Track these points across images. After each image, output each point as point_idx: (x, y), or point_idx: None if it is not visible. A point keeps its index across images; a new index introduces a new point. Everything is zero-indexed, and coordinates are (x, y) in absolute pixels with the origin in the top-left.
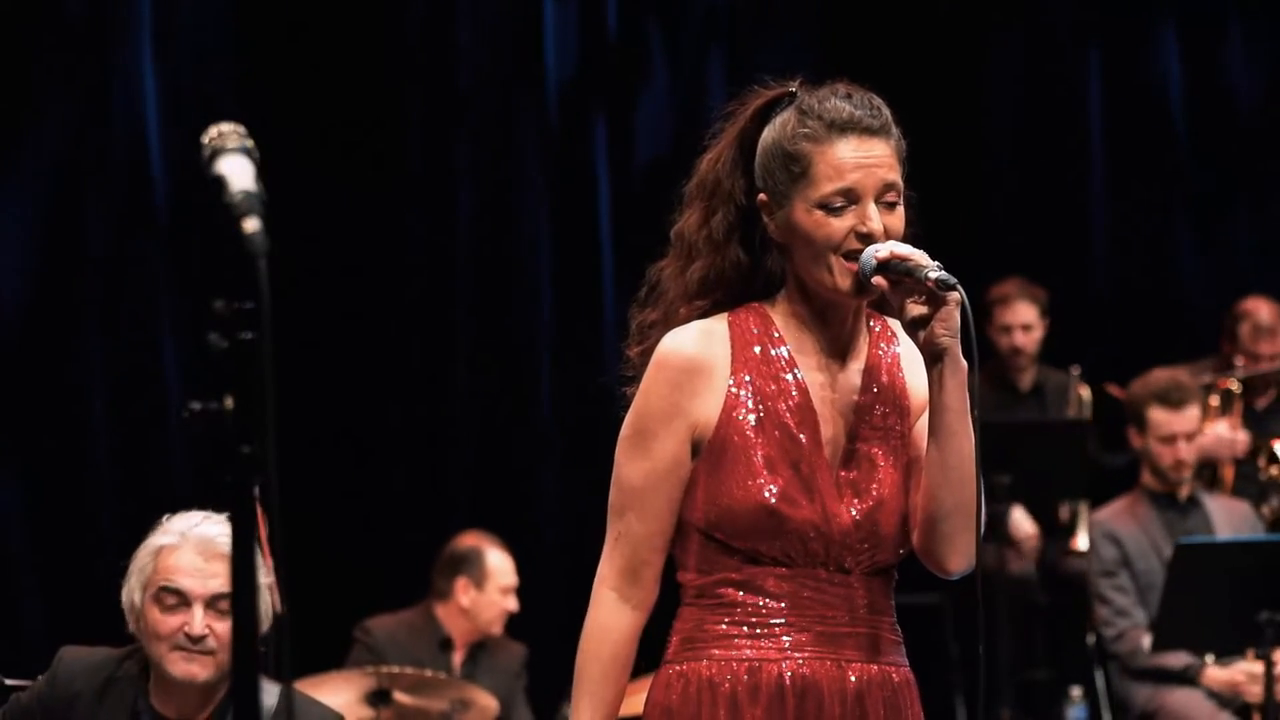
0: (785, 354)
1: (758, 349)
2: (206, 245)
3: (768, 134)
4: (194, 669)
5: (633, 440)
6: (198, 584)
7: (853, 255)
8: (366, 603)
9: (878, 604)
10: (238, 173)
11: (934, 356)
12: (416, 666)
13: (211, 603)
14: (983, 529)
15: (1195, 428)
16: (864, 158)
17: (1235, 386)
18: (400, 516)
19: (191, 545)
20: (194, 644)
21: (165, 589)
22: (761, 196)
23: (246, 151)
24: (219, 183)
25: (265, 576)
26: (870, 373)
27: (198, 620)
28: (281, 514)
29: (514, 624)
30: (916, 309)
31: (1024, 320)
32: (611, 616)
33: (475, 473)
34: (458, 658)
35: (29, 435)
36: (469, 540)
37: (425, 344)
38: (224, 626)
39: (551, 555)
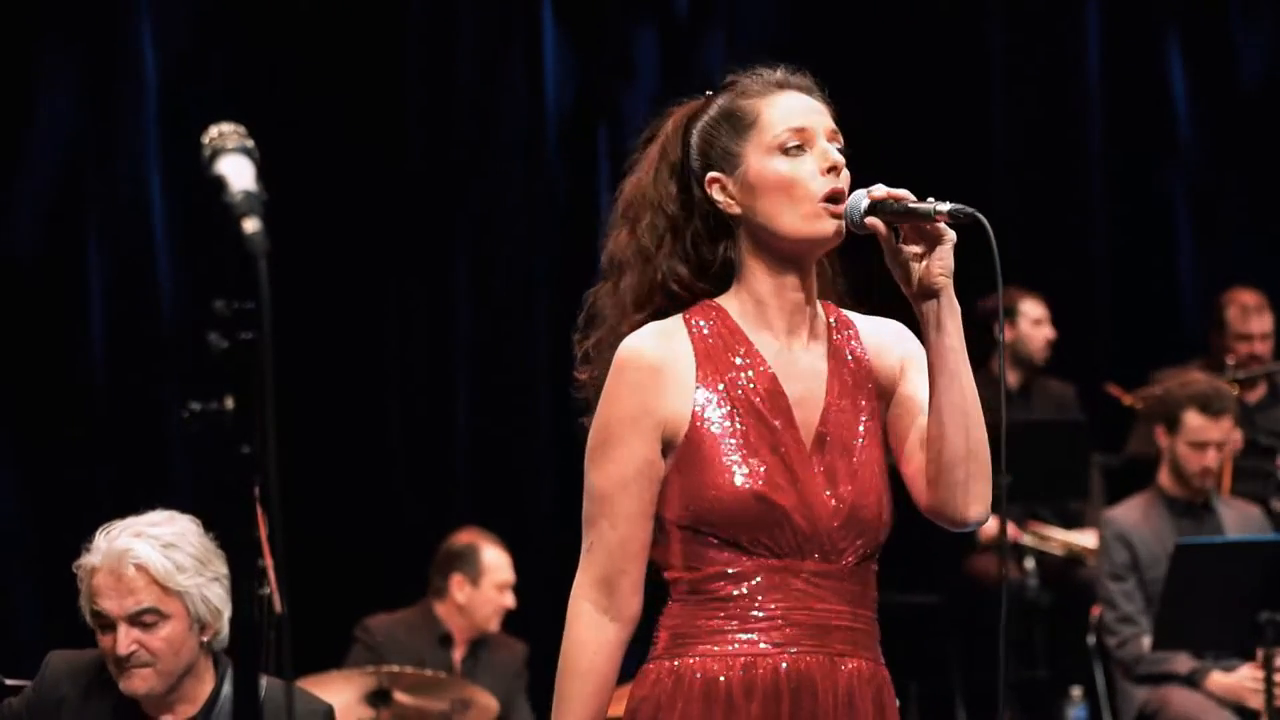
0: (747, 344)
1: (719, 343)
2: (209, 244)
3: (702, 125)
4: (134, 684)
5: (599, 448)
6: (115, 604)
7: (832, 198)
8: (366, 602)
9: (864, 596)
10: (238, 173)
11: (929, 295)
12: (417, 664)
13: (134, 619)
14: (990, 474)
15: (1227, 438)
16: (807, 105)
17: (1233, 388)
18: (400, 516)
19: (107, 565)
20: (125, 662)
21: (94, 612)
22: (710, 175)
23: (247, 151)
24: (219, 183)
25: (202, 575)
26: (834, 355)
27: (122, 639)
28: (281, 514)
29: (515, 623)
30: (912, 249)
31: (1034, 315)
32: (588, 630)
33: (475, 472)
34: (458, 654)
35: (29, 435)
36: (465, 537)
37: (425, 343)
38: (153, 638)
39: (552, 553)
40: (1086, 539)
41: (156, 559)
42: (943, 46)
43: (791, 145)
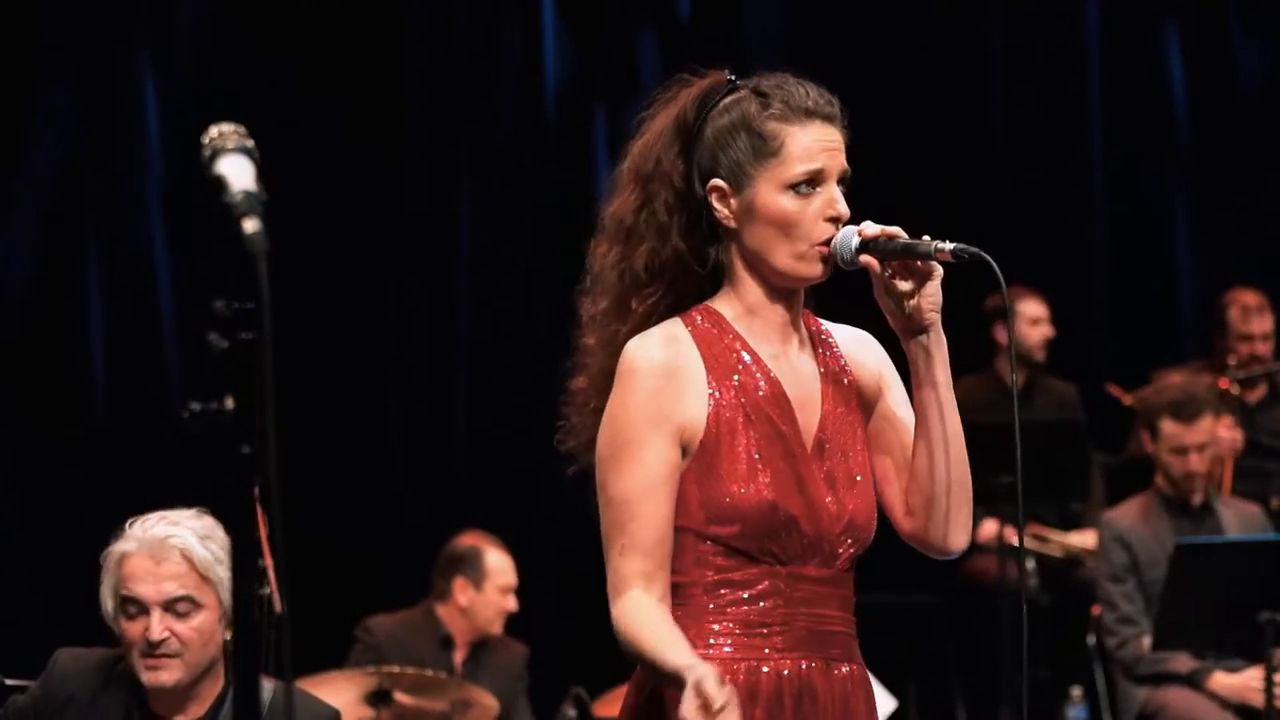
0: (749, 349)
1: (721, 348)
2: (208, 244)
3: (720, 119)
4: (161, 675)
5: (619, 454)
6: (152, 589)
7: (825, 240)
8: (366, 603)
9: (851, 601)
10: (238, 173)
11: (918, 331)
12: (418, 666)
13: (169, 606)
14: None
15: (1207, 439)
16: (829, 142)
17: (1235, 388)
18: (400, 516)
19: (144, 550)
20: (155, 649)
21: (125, 598)
22: (715, 182)
23: (247, 151)
24: (219, 183)
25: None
26: (822, 363)
27: (155, 625)
28: (282, 514)
29: (515, 624)
30: (904, 285)
31: (1032, 315)
32: (642, 602)
33: (475, 472)
34: (459, 656)
35: (28, 435)
36: (468, 540)
37: (426, 343)
38: (185, 627)
39: (552, 554)
40: (1085, 540)
41: (198, 547)
42: (943, 46)
43: (803, 187)
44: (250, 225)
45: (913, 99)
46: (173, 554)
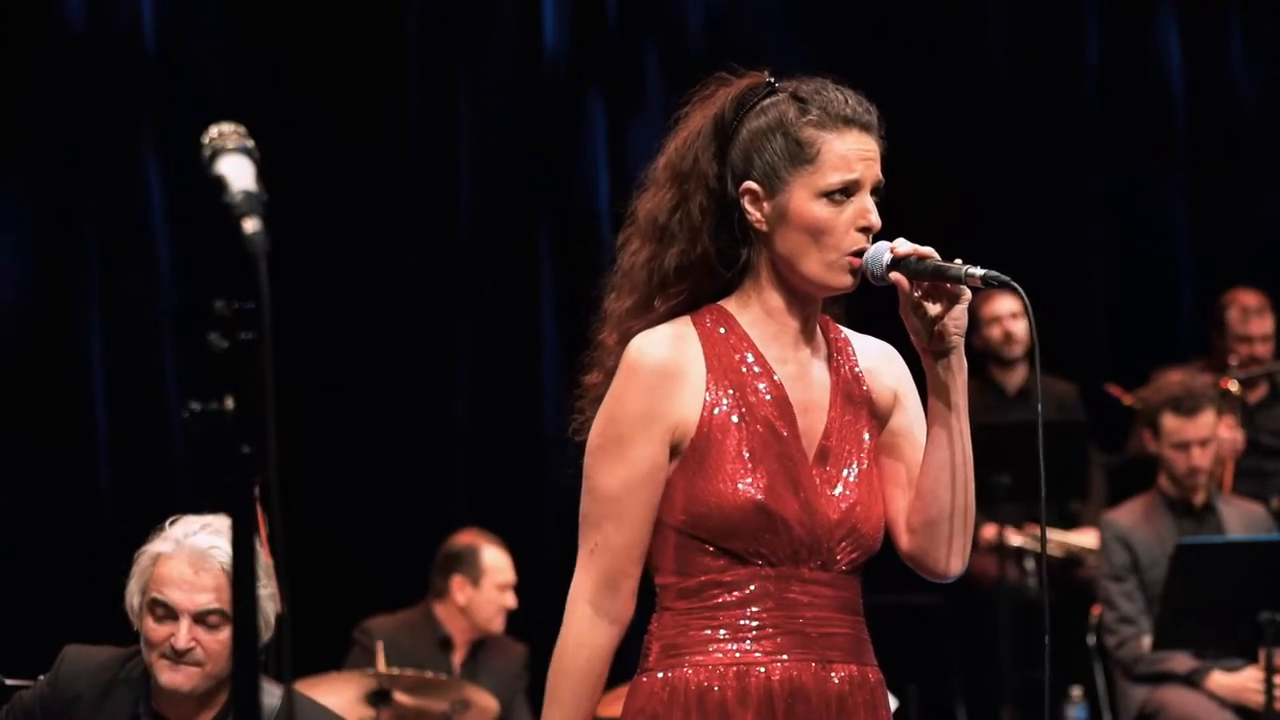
0: (756, 353)
1: (728, 349)
2: (207, 245)
3: (757, 121)
4: (179, 679)
5: (607, 448)
6: (186, 598)
7: (855, 251)
8: (366, 603)
9: (854, 604)
10: (238, 173)
11: (941, 353)
12: (417, 667)
13: (200, 617)
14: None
15: (1209, 434)
16: (865, 151)
17: (1235, 387)
18: (400, 516)
19: (184, 557)
20: (179, 657)
21: (156, 600)
22: (749, 184)
23: (247, 151)
24: (219, 183)
25: (266, 587)
26: (836, 371)
27: (183, 634)
28: (282, 514)
29: (515, 623)
30: (932, 307)
31: (1010, 309)
32: (587, 632)
33: (475, 472)
34: (458, 657)
35: (28, 435)
36: (465, 538)
37: (425, 343)
38: (212, 639)
39: (553, 553)
40: (1085, 539)
41: None
42: (943, 46)
43: (837, 196)
44: (250, 225)
45: (913, 98)
46: (213, 566)
